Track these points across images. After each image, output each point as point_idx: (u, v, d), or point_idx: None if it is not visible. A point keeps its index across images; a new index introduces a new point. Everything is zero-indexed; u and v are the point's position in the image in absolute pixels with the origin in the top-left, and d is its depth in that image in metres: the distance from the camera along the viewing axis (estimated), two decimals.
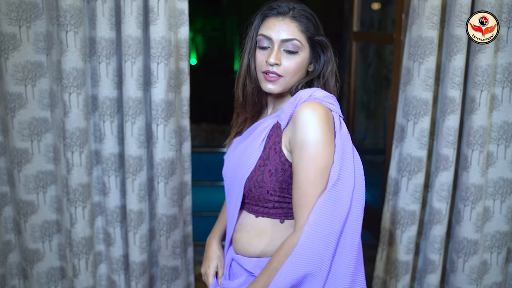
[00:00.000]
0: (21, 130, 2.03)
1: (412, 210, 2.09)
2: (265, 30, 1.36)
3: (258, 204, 1.39)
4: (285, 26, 1.34)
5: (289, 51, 1.34)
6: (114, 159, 2.09)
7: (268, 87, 1.36)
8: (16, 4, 1.93)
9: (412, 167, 2.06)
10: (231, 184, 1.45)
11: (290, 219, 1.38)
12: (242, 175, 1.38)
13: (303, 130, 1.25)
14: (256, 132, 1.40)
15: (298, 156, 1.27)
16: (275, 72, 1.34)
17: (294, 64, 1.34)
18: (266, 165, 1.34)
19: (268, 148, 1.35)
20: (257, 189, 1.36)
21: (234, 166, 1.43)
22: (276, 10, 1.36)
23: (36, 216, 2.12)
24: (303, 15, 1.36)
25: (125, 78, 1.97)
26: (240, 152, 1.42)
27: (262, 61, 1.36)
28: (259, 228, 1.40)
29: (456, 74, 1.95)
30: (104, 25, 1.94)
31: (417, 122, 2.02)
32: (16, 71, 1.98)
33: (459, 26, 1.92)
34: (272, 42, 1.34)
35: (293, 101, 1.32)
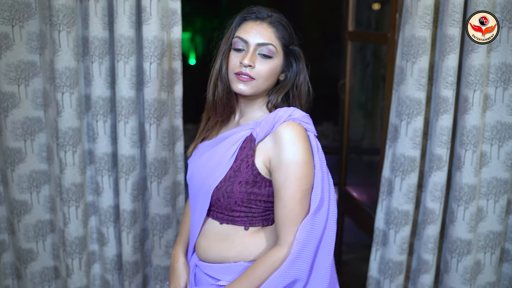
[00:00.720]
0: (14, 130, 2.03)
1: (406, 210, 2.09)
2: (242, 33, 1.38)
3: (224, 212, 1.42)
4: (262, 30, 1.36)
5: (264, 55, 1.36)
6: (107, 158, 2.09)
7: (239, 88, 1.37)
8: (9, 3, 1.93)
9: (405, 167, 2.05)
10: (197, 191, 1.46)
11: (255, 225, 1.41)
12: (210, 184, 1.39)
13: (288, 151, 1.30)
14: (227, 141, 1.41)
15: (284, 176, 1.31)
16: (248, 74, 1.35)
17: (267, 68, 1.36)
18: (236, 177, 1.37)
19: (240, 160, 1.37)
20: (225, 199, 1.38)
21: (201, 173, 1.44)
22: (255, 14, 1.39)
23: (29, 215, 2.12)
24: (280, 23, 1.39)
25: (117, 78, 1.97)
26: (208, 160, 1.43)
27: (236, 62, 1.37)
28: (222, 234, 1.43)
29: (449, 73, 1.95)
30: (96, 24, 1.94)
31: (410, 122, 2.02)
32: (9, 71, 1.98)
33: (452, 26, 1.91)
34: (247, 45, 1.37)
35: (272, 118, 1.34)
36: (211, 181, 1.39)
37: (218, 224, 1.43)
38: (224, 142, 1.42)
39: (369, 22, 5.55)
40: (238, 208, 1.39)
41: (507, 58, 1.98)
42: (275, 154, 1.32)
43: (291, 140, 1.30)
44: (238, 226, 1.41)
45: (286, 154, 1.30)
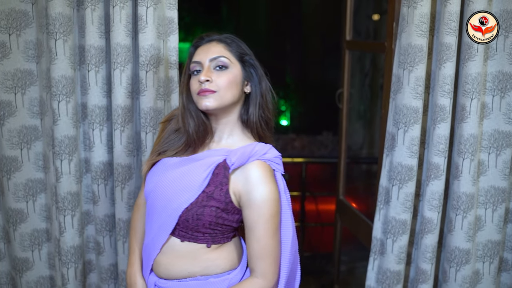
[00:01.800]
0: (11, 138, 2.02)
1: (403, 219, 2.07)
2: (195, 57, 1.45)
3: (188, 232, 1.44)
4: (212, 47, 1.43)
5: (219, 67, 1.41)
6: (103, 167, 2.08)
7: (204, 104, 1.40)
8: (6, 12, 1.93)
9: (402, 176, 2.04)
10: (160, 208, 1.45)
11: (216, 243, 1.45)
12: (179, 205, 1.41)
13: (259, 191, 1.37)
14: (199, 164, 1.43)
15: (257, 214, 1.38)
16: (207, 89, 1.39)
17: (225, 78, 1.40)
18: (209, 201, 1.40)
19: (214, 186, 1.40)
20: (194, 221, 1.41)
21: (167, 192, 1.44)
22: (205, 39, 1.47)
23: (25, 224, 2.11)
24: (230, 38, 1.46)
25: (114, 86, 1.97)
26: (178, 179, 1.44)
27: (195, 84, 1.42)
28: (183, 252, 1.45)
29: (446, 82, 1.95)
30: (93, 33, 1.95)
31: (408, 130, 2.01)
32: (5, 79, 1.97)
33: (448, 34, 1.92)
34: (202, 65, 1.42)
35: (248, 151, 1.39)
36: (181, 202, 1.41)
37: (179, 242, 1.45)
38: (195, 164, 1.44)
39: (368, 32, 5.57)
40: (204, 230, 1.43)
41: (503, 67, 1.98)
42: (246, 191, 1.38)
43: (261, 180, 1.37)
44: (200, 244, 1.44)
45: (257, 194, 1.37)
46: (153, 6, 1.91)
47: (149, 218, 1.50)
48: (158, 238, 1.46)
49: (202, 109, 1.42)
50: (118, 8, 1.90)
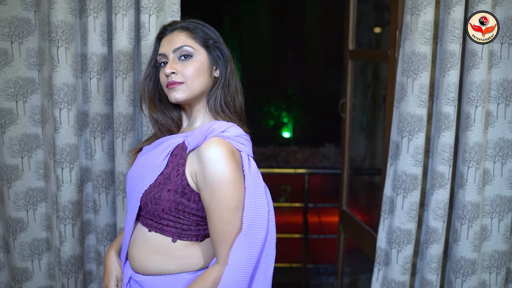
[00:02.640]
0: (12, 146, 2.01)
1: (408, 229, 2.04)
2: (160, 49, 1.43)
3: (152, 219, 1.40)
4: (174, 37, 1.40)
5: (183, 56, 1.39)
6: (104, 176, 2.06)
7: (174, 96, 1.39)
8: (8, 20, 1.93)
9: (407, 185, 2.02)
10: (129, 194, 1.46)
11: (183, 240, 1.40)
12: (140, 188, 1.40)
13: (211, 169, 1.29)
14: (161, 147, 1.42)
15: (210, 195, 1.31)
16: (174, 81, 1.38)
17: (191, 68, 1.38)
18: (166, 184, 1.36)
19: (171, 168, 1.37)
20: (153, 205, 1.37)
21: (133, 177, 1.45)
22: (168, 29, 1.44)
23: (25, 234, 2.09)
24: (193, 24, 1.43)
25: (116, 94, 1.96)
26: (142, 164, 1.44)
27: (163, 77, 1.41)
28: (152, 244, 1.41)
29: (450, 90, 1.93)
30: (95, 40, 1.94)
31: (412, 138, 1.99)
32: (7, 87, 1.97)
33: (452, 42, 1.90)
34: (167, 56, 1.40)
35: (205, 130, 1.35)
36: (142, 185, 1.39)
37: (147, 231, 1.42)
38: (159, 148, 1.42)
39: (370, 44, 5.58)
40: (166, 217, 1.38)
41: (508, 75, 1.96)
42: (200, 171, 1.31)
43: (214, 158, 1.29)
44: (166, 237, 1.40)
45: (209, 173, 1.29)
46: (156, 13, 1.90)
47: (127, 211, 1.51)
48: (129, 225, 1.46)
49: (173, 101, 1.41)
50: (121, 16, 1.89)
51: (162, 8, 1.93)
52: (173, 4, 1.96)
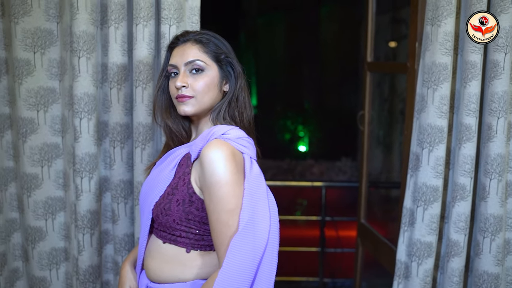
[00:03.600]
0: (32, 155, 2.03)
1: (429, 242, 2.01)
2: (171, 60, 1.43)
3: (166, 230, 1.41)
4: (187, 50, 1.40)
5: (194, 70, 1.39)
6: (123, 186, 2.07)
7: (183, 109, 1.40)
8: (32, 30, 1.96)
9: (427, 197, 1.99)
10: (142, 207, 1.48)
11: (197, 250, 1.40)
12: (151, 200, 1.41)
13: (210, 171, 1.28)
14: (169, 159, 1.44)
15: (209, 197, 1.30)
16: (184, 94, 1.38)
17: (202, 82, 1.38)
18: (174, 194, 1.37)
19: (178, 178, 1.38)
20: (164, 216, 1.38)
21: (146, 190, 1.47)
22: (180, 40, 1.43)
23: (44, 243, 2.09)
24: (206, 37, 1.42)
25: (135, 104, 1.97)
26: (153, 177, 1.46)
27: (172, 88, 1.41)
28: (167, 255, 1.41)
29: (472, 101, 1.91)
30: (116, 51, 1.96)
31: (432, 150, 1.97)
32: (29, 97, 1.99)
33: (473, 52, 1.89)
34: (178, 68, 1.40)
35: (205, 135, 1.36)
36: (152, 197, 1.41)
37: (161, 243, 1.42)
38: (166, 160, 1.45)
39: (387, 57, 5.56)
40: (178, 227, 1.38)
41: None
42: (201, 173, 1.31)
43: (213, 159, 1.27)
44: (180, 247, 1.40)
45: (208, 174, 1.28)
46: (176, 24, 1.92)
47: (140, 219, 1.52)
48: (143, 237, 1.47)
49: (181, 114, 1.42)
50: (142, 26, 1.91)
51: (182, 19, 1.94)
52: (193, 15, 1.98)
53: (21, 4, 1.94)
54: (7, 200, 2.10)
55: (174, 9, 1.91)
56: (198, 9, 1.98)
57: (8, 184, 2.09)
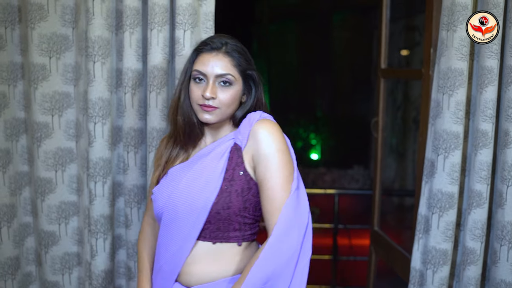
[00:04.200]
0: (46, 160, 2.04)
1: (444, 249, 1.98)
2: (200, 66, 1.44)
3: (220, 229, 1.43)
4: (219, 61, 1.43)
5: (224, 84, 1.43)
6: (137, 191, 2.07)
7: (205, 117, 1.44)
8: (48, 36, 1.98)
9: (443, 204, 1.97)
10: (182, 216, 1.44)
11: (246, 240, 1.46)
12: (205, 201, 1.41)
13: (266, 142, 1.38)
14: (211, 156, 1.46)
15: (265, 166, 1.38)
16: (211, 105, 1.42)
17: (229, 96, 1.43)
18: (232, 186, 1.41)
19: (232, 170, 1.42)
20: (225, 210, 1.40)
21: (188, 196, 1.44)
22: (210, 45, 1.45)
23: (57, 247, 2.10)
24: (235, 50, 1.45)
25: (149, 109, 1.97)
26: (194, 179, 1.45)
27: (198, 94, 1.44)
28: (216, 255, 1.44)
29: (488, 106, 1.89)
30: (130, 56, 1.97)
31: (448, 156, 1.95)
32: (44, 101, 2.00)
33: (490, 58, 1.87)
34: (207, 77, 1.43)
35: (247, 122, 1.44)
36: (206, 198, 1.40)
37: (211, 245, 1.44)
38: (206, 159, 1.46)
39: (400, 65, 5.54)
40: (235, 219, 1.41)
41: None
42: (255, 149, 1.39)
43: (266, 132, 1.39)
44: (232, 243, 1.44)
45: (263, 146, 1.38)
46: (191, 29, 1.92)
47: (168, 232, 1.48)
48: (183, 247, 1.44)
49: (202, 120, 1.46)
50: (156, 32, 1.92)
51: (196, 24, 1.95)
52: (207, 21, 1.98)
53: (38, 9, 1.96)
54: (21, 204, 2.11)
55: (189, 14, 1.92)
56: (213, 15, 1.98)
57: (22, 188, 2.10)
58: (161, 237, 1.50)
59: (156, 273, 1.55)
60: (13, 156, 2.06)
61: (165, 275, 1.50)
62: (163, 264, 1.50)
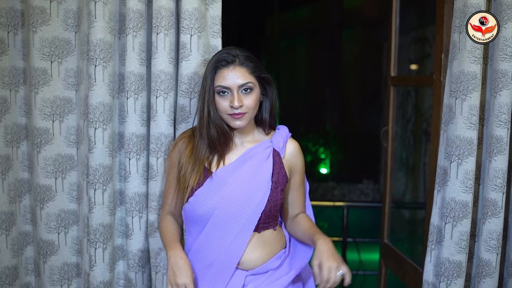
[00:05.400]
0: (46, 167, 1.98)
1: (458, 261, 1.89)
2: (222, 81, 1.63)
3: (266, 221, 1.70)
4: (237, 73, 1.63)
5: (246, 89, 1.64)
6: (138, 199, 2.01)
7: (237, 124, 1.65)
8: (50, 40, 1.94)
9: (456, 213, 1.88)
10: (235, 214, 1.65)
11: (276, 225, 1.77)
12: (260, 202, 1.65)
13: (301, 156, 1.80)
14: (257, 159, 1.70)
15: (302, 175, 1.82)
16: (241, 112, 1.64)
17: (252, 100, 1.65)
18: (278, 186, 1.70)
19: (277, 172, 1.71)
20: (274, 207, 1.69)
21: (242, 196, 1.66)
22: (225, 61, 1.64)
23: (55, 257, 2.04)
24: (247, 59, 1.66)
25: (156, 114, 1.93)
26: (245, 181, 1.67)
27: (225, 106, 1.64)
28: (264, 240, 1.71)
29: (503, 111, 1.82)
30: (133, 60, 1.92)
31: (461, 163, 1.87)
32: (44, 106, 1.96)
33: (504, 60, 1.81)
34: (230, 90, 1.63)
35: (281, 136, 1.76)
36: (260, 199, 1.65)
37: (257, 234, 1.70)
38: (253, 161, 1.70)
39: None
40: (277, 211, 1.72)
41: None
42: (296, 162, 1.78)
43: (300, 151, 1.80)
44: (270, 229, 1.73)
45: (300, 159, 1.80)
46: (197, 34, 1.89)
47: (219, 230, 1.66)
48: (241, 239, 1.66)
49: (235, 127, 1.67)
50: (163, 35, 1.88)
51: (204, 29, 1.91)
52: (214, 25, 1.95)
53: (40, 13, 1.92)
54: (21, 212, 2.05)
55: (195, 19, 1.88)
56: (219, 18, 1.95)
57: (22, 196, 2.05)
58: (209, 235, 1.67)
59: (205, 269, 1.68)
60: (13, 163, 2.01)
61: (222, 266, 1.67)
62: (215, 258, 1.66)
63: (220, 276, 1.67)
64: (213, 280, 1.67)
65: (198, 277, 1.69)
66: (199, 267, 1.69)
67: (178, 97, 1.94)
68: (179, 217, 1.83)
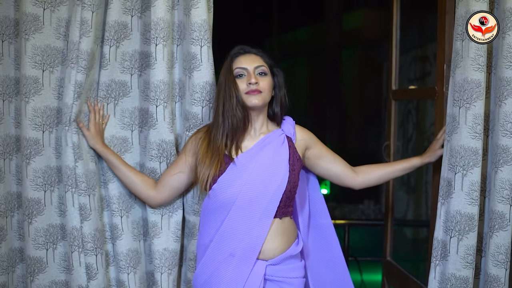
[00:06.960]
0: (35, 179, 1.91)
1: (465, 277, 1.81)
2: (240, 64, 1.80)
3: (286, 204, 1.78)
4: (253, 57, 1.82)
5: (261, 73, 1.80)
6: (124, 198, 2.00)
7: (253, 102, 1.76)
8: (42, 48, 1.90)
9: (462, 226, 1.81)
10: (256, 199, 1.73)
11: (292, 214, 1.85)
12: (282, 181, 1.75)
13: (311, 134, 1.95)
14: (273, 145, 1.82)
15: (319, 142, 1.95)
16: (256, 88, 1.76)
17: (267, 83, 1.80)
18: (294, 169, 1.80)
19: (292, 156, 1.82)
20: (293, 188, 1.78)
21: (262, 180, 1.74)
22: (243, 50, 1.84)
23: (43, 275, 1.95)
24: (262, 52, 1.86)
25: (156, 122, 1.92)
26: (264, 169, 1.76)
27: (243, 85, 1.77)
28: (284, 228, 1.78)
29: (508, 120, 1.76)
30: (115, 69, 1.94)
31: (466, 174, 1.80)
32: (35, 116, 1.90)
33: (508, 68, 1.75)
34: (247, 71, 1.78)
35: (290, 125, 1.91)
36: (281, 178, 1.75)
37: (278, 220, 1.76)
38: (270, 147, 1.80)
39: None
40: (294, 195, 1.81)
41: None
42: (308, 137, 1.93)
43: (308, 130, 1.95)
44: (288, 217, 1.80)
45: (312, 137, 1.95)
46: (207, 45, 1.92)
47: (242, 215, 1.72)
48: (263, 225, 1.72)
49: (251, 105, 1.76)
50: (161, 47, 1.90)
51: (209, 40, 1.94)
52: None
53: (33, 20, 1.88)
54: (12, 227, 1.98)
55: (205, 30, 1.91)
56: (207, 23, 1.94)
57: (14, 210, 1.98)
58: (233, 220, 1.73)
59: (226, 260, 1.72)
60: (5, 176, 1.94)
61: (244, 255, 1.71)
62: (237, 245, 1.71)
63: (242, 266, 1.72)
64: (235, 271, 1.71)
65: (219, 269, 1.72)
66: (220, 258, 1.73)
67: (191, 105, 1.94)
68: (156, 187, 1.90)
